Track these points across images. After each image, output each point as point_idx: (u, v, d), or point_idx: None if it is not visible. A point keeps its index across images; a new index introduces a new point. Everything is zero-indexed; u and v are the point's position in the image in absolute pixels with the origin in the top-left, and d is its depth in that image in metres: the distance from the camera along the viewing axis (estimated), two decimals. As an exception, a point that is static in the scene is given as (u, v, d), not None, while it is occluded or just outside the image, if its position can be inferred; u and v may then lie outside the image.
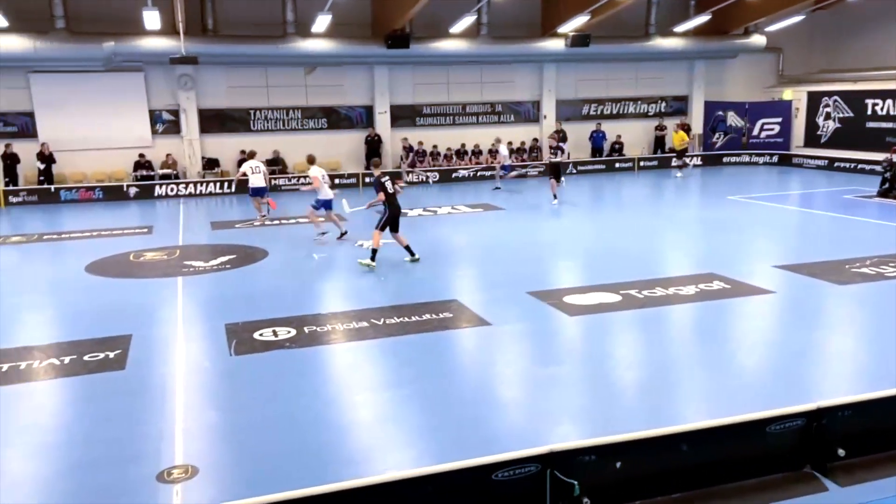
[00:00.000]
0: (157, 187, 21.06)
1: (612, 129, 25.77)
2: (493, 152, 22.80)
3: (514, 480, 4.28)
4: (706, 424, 4.76)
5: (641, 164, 25.42)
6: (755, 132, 25.75)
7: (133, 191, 20.79)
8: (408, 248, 11.58)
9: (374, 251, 11.20)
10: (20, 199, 20.09)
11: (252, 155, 16.41)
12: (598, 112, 25.97)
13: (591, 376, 6.78)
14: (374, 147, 23.40)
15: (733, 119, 25.82)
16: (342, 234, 13.66)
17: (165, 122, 21.94)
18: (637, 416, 5.75)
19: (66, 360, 7.25)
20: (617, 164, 25.07)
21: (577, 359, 7.35)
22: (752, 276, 9.90)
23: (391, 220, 11.38)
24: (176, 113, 21.89)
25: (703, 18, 22.73)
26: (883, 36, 23.68)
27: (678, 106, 26.76)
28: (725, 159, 25.92)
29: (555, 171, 17.52)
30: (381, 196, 11.30)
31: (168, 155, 21.67)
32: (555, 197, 17.41)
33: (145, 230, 15.31)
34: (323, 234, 13.79)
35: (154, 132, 21.85)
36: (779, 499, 4.61)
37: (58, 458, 5.32)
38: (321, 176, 13.98)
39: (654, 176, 23.93)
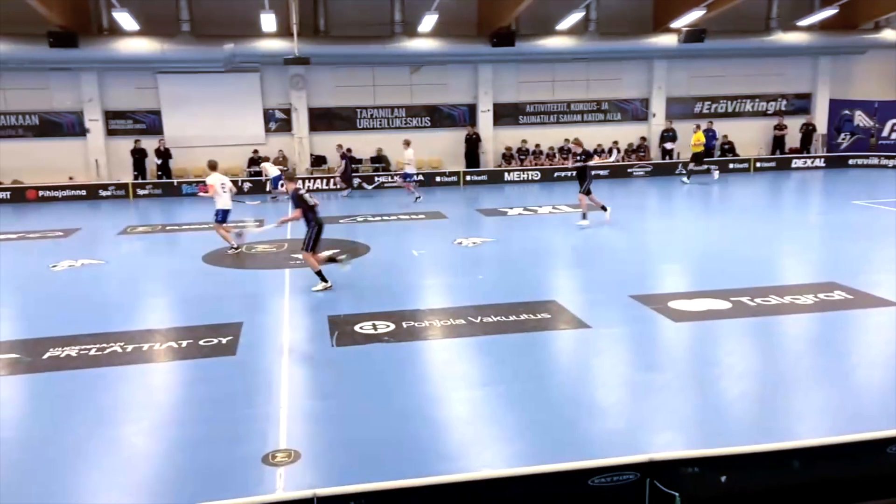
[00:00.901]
0: (267, 183, 22.00)
1: (725, 129, 24.68)
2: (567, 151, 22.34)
3: (611, 487, 4.17)
4: (821, 441, 4.48)
5: (757, 164, 24.20)
6: (885, 133, 23.97)
7: (247, 186, 21.83)
8: (319, 273, 9.89)
9: (319, 273, 9.88)
10: (146, 192, 21.56)
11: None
12: (712, 110, 24.94)
13: (696, 385, 6.51)
14: (473, 146, 23.50)
15: (861, 119, 24.16)
16: (235, 249, 12.49)
17: (278, 121, 22.94)
18: (745, 430, 5.46)
19: (184, 343, 7.69)
20: (731, 165, 24.00)
21: (681, 366, 7.07)
22: (879, 288, 9.20)
23: (318, 236, 9.83)
24: (288, 112, 22.83)
25: (829, 12, 21.35)
26: None
27: (800, 104, 25.33)
28: (851, 161, 24.28)
29: (580, 178, 14.66)
30: (297, 213, 9.80)
31: (279, 151, 22.61)
32: (584, 217, 14.62)
33: (258, 223, 16.03)
34: (236, 249, 12.54)
35: (267, 130, 22.88)
36: (902, 527, 4.27)
37: (172, 434, 5.65)
38: (219, 185, 12.57)
39: (771, 178, 22.74)
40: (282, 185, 13.72)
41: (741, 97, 25.03)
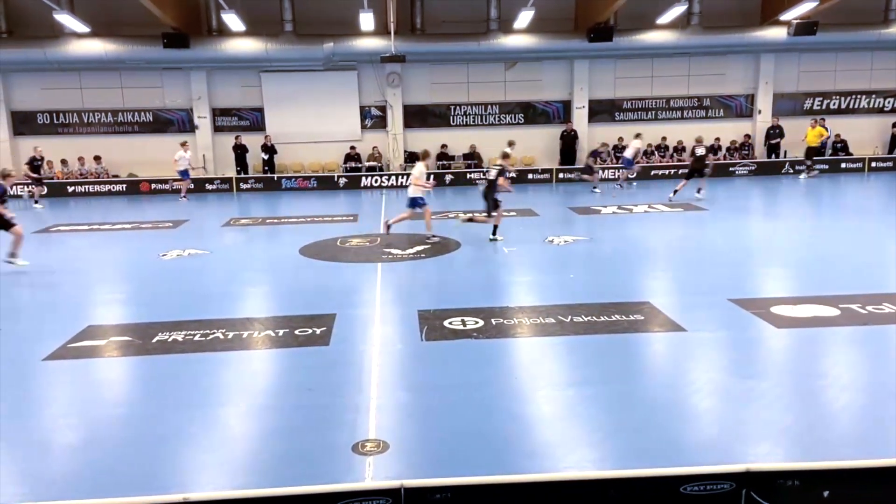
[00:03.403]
0: (364, 178, 22.50)
1: (838, 126, 23.27)
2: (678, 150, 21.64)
3: (704, 496, 4.02)
4: (939, 462, 4.15)
5: (873, 164, 22.71)
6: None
7: (343, 181, 22.41)
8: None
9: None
10: (248, 186, 22.50)
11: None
12: (824, 107, 23.59)
13: (798, 395, 6.18)
14: (569, 143, 23.18)
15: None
16: (433, 238, 13.08)
17: (374, 118, 23.41)
18: (849, 444, 5.14)
19: (280, 332, 7.98)
20: (843, 165, 22.63)
21: (783, 374, 6.73)
22: None
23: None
24: (383, 109, 23.26)
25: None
26: None
27: (920, 100, 23.57)
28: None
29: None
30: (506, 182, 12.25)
31: (374, 148, 23.08)
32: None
33: (351, 218, 16.44)
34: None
35: (363, 127, 23.40)
36: None
37: (267, 419, 5.88)
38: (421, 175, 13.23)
39: (888, 178, 21.28)
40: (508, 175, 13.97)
41: (856, 93, 23.55)
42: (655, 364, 7.21)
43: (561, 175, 22.53)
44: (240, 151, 22.81)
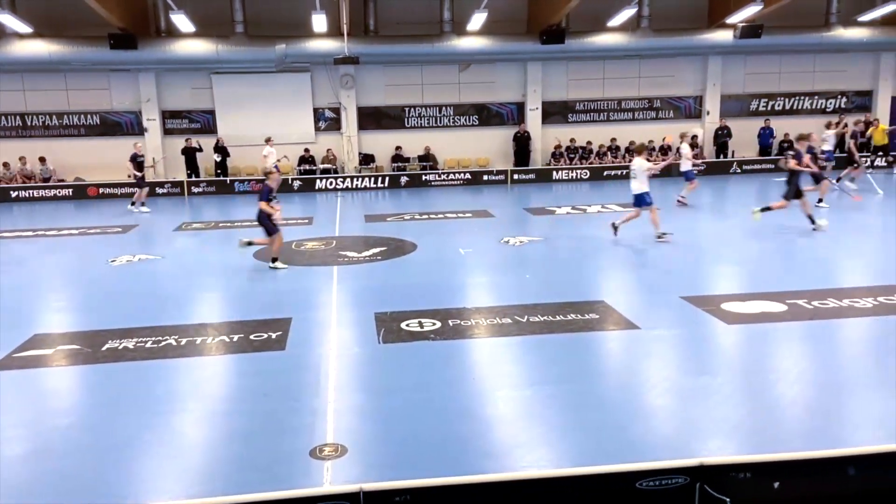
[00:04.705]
0: (318, 181, 22.31)
1: (783, 126, 24.00)
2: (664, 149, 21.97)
3: (659, 491, 4.09)
4: (879, 449, 4.31)
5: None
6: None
7: (297, 184, 22.18)
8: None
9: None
10: (200, 190, 22.11)
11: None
12: (769, 108, 24.29)
13: (748, 389, 6.35)
14: (523, 144, 23.38)
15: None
16: (663, 235, 12.72)
17: (327, 120, 23.25)
18: (800, 436, 5.31)
19: (235, 337, 7.86)
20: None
21: (733, 370, 6.91)
22: (944, 291, 8.83)
23: None
24: (337, 111, 23.11)
25: (892, 7, 20.56)
26: None
27: (861, 101, 24.47)
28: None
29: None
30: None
31: (329, 150, 22.92)
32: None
33: (306, 221, 16.29)
34: None
35: (317, 129, 23.21)
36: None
37: (223, 425, 5.78)
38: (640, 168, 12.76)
39: (832, 177, 22.00)
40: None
41: (799, 94, 24.33)
42: (611, 362, 7.32)
43: (516, 176, 22.71)
44: (190, 154, 22.39)
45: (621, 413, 5.87)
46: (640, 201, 12.73)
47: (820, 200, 15.79)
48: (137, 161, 18.69)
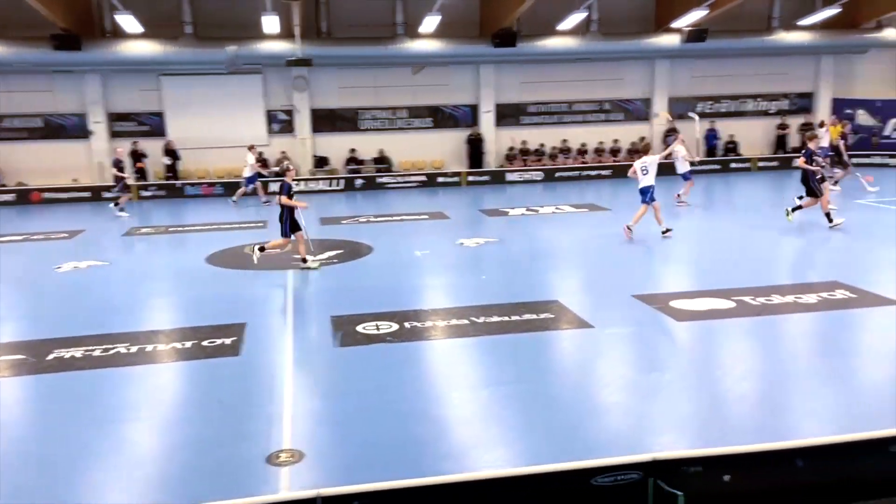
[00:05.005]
0: (272, 184, 22.03)
1: (729, 128, 24.65)
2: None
3: (614, 487, 4.18)
4: (825, 440, 4.49)
5: (760, 164, 24.19)
6: (887, 132, 23.93)
7: (250, 187, 21.85)
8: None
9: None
10: (150, 194, 21.60)
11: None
12: (714, 110, 24.92)
13: (699, 385, 6.52)
14: (476, 146, 23.51)
15: (864, 118, 24.10)
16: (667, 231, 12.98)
17: (281, 122, 22.97)
18: (748, 429, 5.47)
19: (188, 344, 7.72)
20: (732, 165, 23.97)
21: (684, 366, 7.08)
22: (882, 286, 9.20)
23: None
24: (290, 113, 22.86)
25: (831, 11, 21.33)
26: None
27: (802, 103, 25.29)
28: (854, 160, 24.23)
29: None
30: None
31: (282, 152, 22.65)
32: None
33: (261, 224, 16.08)
34: None
35: (270, 131, 22.92)
36: (905, 525, 4.27)
37: (177, 434, 5.68)
38: (639, 168, 13.15)
39: (773, 177, 22.73)
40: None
41: (743, 97, 25.02)
42: (566, 361, 7.42)
43: (470, 178, 22.82)
44: (138, 157, 21.85)
45: (576, 411, 5.96)
46: (644, 194, 12.86)
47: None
48: (120, 166, 18.33)
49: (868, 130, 24.35)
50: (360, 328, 8.09)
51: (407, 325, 8.20)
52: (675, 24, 21.44)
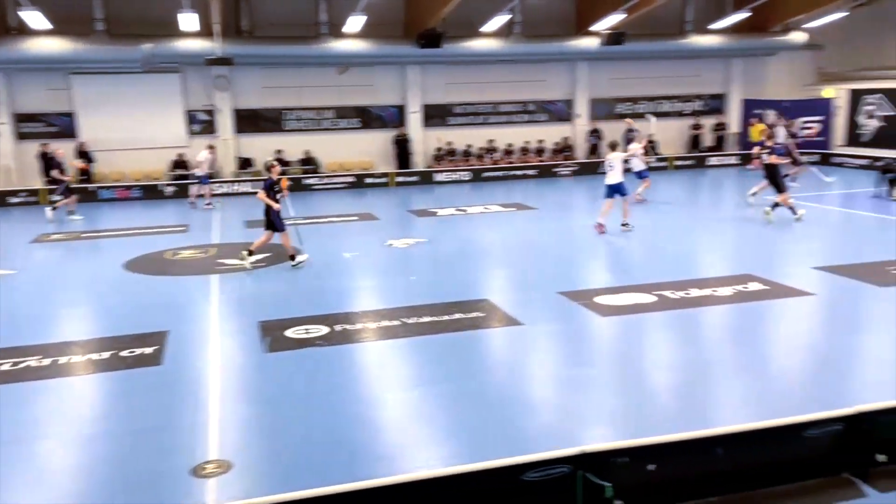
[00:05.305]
0: (192, 186, 21.37)
1: (646, 129, 25.38)
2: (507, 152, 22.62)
3: (544, 481, 4.24)
4: (742, 428, 4.68)
5: (676, 163, 25.08)
6: (794, 130, 25.21)
7: (169, 190, 21.14)
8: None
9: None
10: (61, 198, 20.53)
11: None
12: (633, 111, 25.67)
13: (624, 378, 6.70)
14: (403, 147, 23.48)
15: (773, 118, 25.30)
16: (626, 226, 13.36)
17: (201, 123, 22.30)
18: (671, 419, 5.66)
19: (106, 355, 7.39)
20: (651, 164, 24.74)
21: (609, 360, 7.27)
22: (791, 278, 9.70)
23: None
24: (211, 113, 22.23)
25: (740, 15, 22.32)
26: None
27: (715, 104, 26.35)
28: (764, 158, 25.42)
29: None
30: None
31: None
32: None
33: (182, 228, 15.57)
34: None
35: (190, 132, 22.22)
36: (816, 504, 4.51)
37: (96, 448, 5.43)
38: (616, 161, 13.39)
39: (689, 175, 23.60)
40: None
41: (660, 98, 25.86)
42: (496, 359, 7.50)
43: (399, 179, 22.76)
44: (46, 160, 20.74)
45: (507, 408, 6.03)
46: (617, 191, 13.27)
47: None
48: (62, 168, 17.52)
49: (776, 130, 25.59)
50: (289, 333, 7.95)
51: (337, 327, 8.11)
52: (594, 28, 21.99)
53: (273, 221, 11.24)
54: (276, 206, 11.18)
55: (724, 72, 26.01)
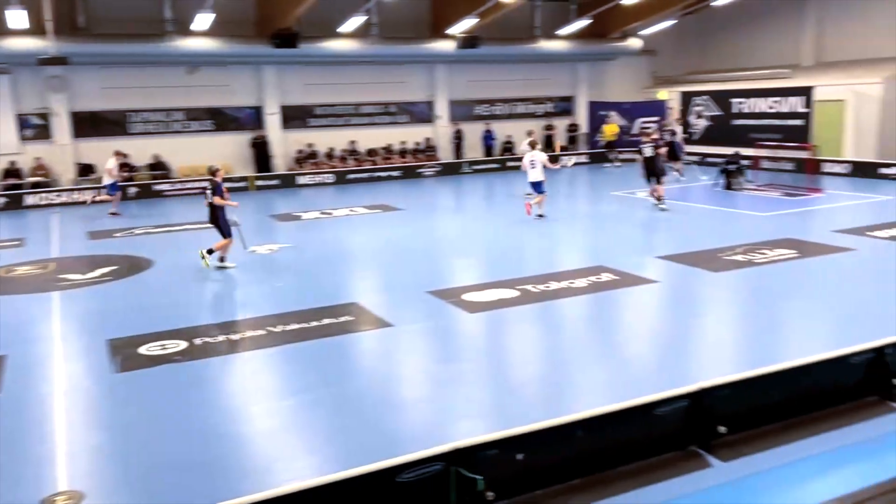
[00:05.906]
0: (28, 196, 19.61)
1: (505, 129, 26.24)
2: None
3: (419, 481, 4.28)
4: (599, 411, 4.95)
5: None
6: (634, 130, 26.99)
7: (1, 201, 19.26)
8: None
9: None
10: None
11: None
12: (490, 112, 26.44)
13: (491, 372, 6.90)
14: (262, 150, 22.82)
15: (617, 119, 26.96)
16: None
17: (35, 127, 20.48)
18: (537, 408, 5.89)
19: (-72, 387, 6.63)
20: (508, 163, 25.59)
21: (478, 355, 7.46)
22: (638, 268, 10.38)
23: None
24: (46, 116, 20.46)
25: (583, 22, 23.65)
26: (745, 39, 25.50)
27: (564, 106, 27.68)
28: (611, 156, 27.02)
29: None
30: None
31: (38, 160, 20.26)
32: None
33: (16, 243, 14.24)
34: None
35: (22, 138, 20.34)
36: (668, 477, 4.85)
37: (-79, 495, 4.86)
38: (528, 161, 14.68)
39: (547, 174, 24.57)
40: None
41: (514, 100, 26.82)
42: (368, 361, 7.48)
43: (259, 182, 22.07)
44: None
45: (381, 410, 6.03)
46: (538, 188, 14.40)
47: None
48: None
49: (622, 130, 27.30)
50: (142, 350, 7.50)
51: (197, 341, 7.75)
52: (449, 31, 22.44)
53: (221, 226, 11.22)
54: (234, 203, 11.57)
55: (571, 75, 27.39)
